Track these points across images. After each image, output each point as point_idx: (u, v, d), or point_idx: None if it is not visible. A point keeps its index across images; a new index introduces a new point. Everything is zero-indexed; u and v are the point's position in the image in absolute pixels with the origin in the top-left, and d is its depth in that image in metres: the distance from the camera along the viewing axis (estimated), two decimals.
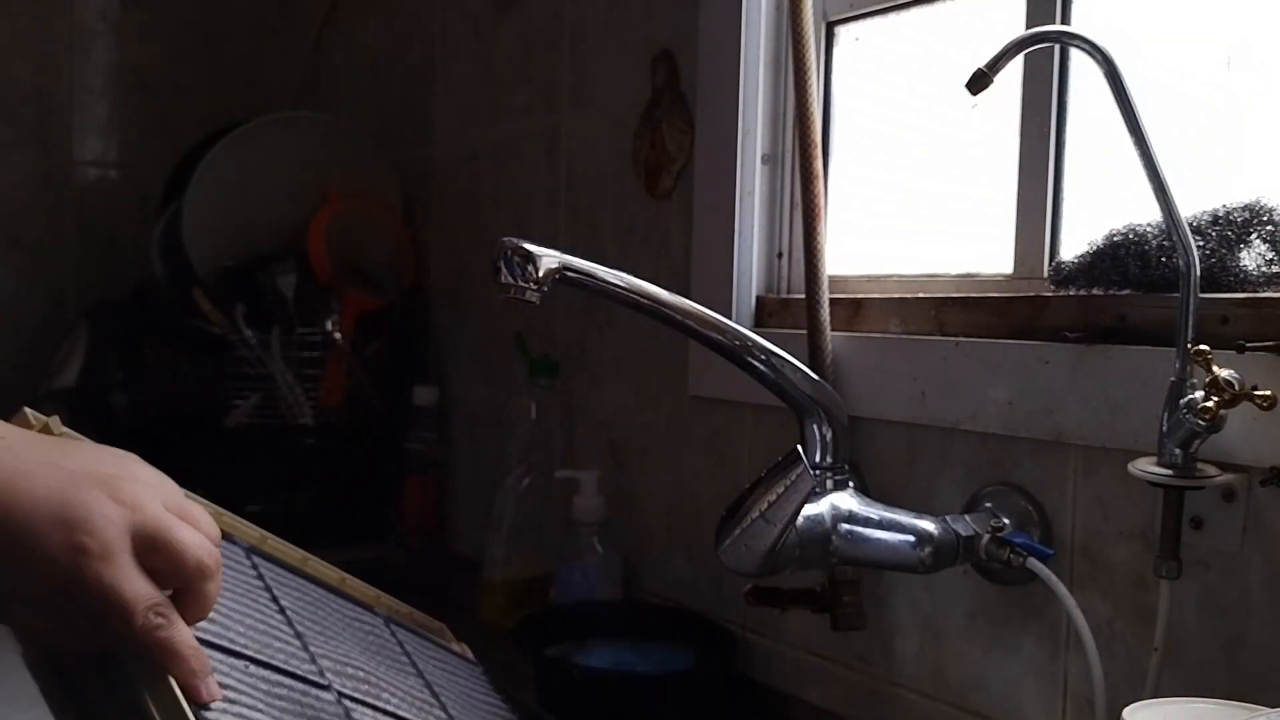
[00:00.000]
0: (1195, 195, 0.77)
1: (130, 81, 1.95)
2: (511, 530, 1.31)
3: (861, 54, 1.10)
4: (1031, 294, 0.88)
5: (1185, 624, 0.75)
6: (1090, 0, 0.89)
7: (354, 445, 1.60)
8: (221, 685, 0.57)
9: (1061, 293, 0.84)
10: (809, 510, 0.81)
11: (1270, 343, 0.69)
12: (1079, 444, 0.81)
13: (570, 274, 0.72)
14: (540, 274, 0.70)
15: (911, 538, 0.83)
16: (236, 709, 0.59)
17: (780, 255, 1.13)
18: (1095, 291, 0.82)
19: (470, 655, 1.01)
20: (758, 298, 1.13)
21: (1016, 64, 0.77)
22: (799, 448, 0.75)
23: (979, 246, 0.98)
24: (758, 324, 1.12)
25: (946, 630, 0.92)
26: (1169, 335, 0.73)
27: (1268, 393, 0.66)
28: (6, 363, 1.78)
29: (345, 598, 0.90)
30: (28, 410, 0.66)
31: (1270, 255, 0.75)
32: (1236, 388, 0.68)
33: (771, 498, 0.74)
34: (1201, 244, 0.75)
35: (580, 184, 1.37)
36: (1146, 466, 0.72)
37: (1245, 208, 0.76)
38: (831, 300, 0.99)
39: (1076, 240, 0.88)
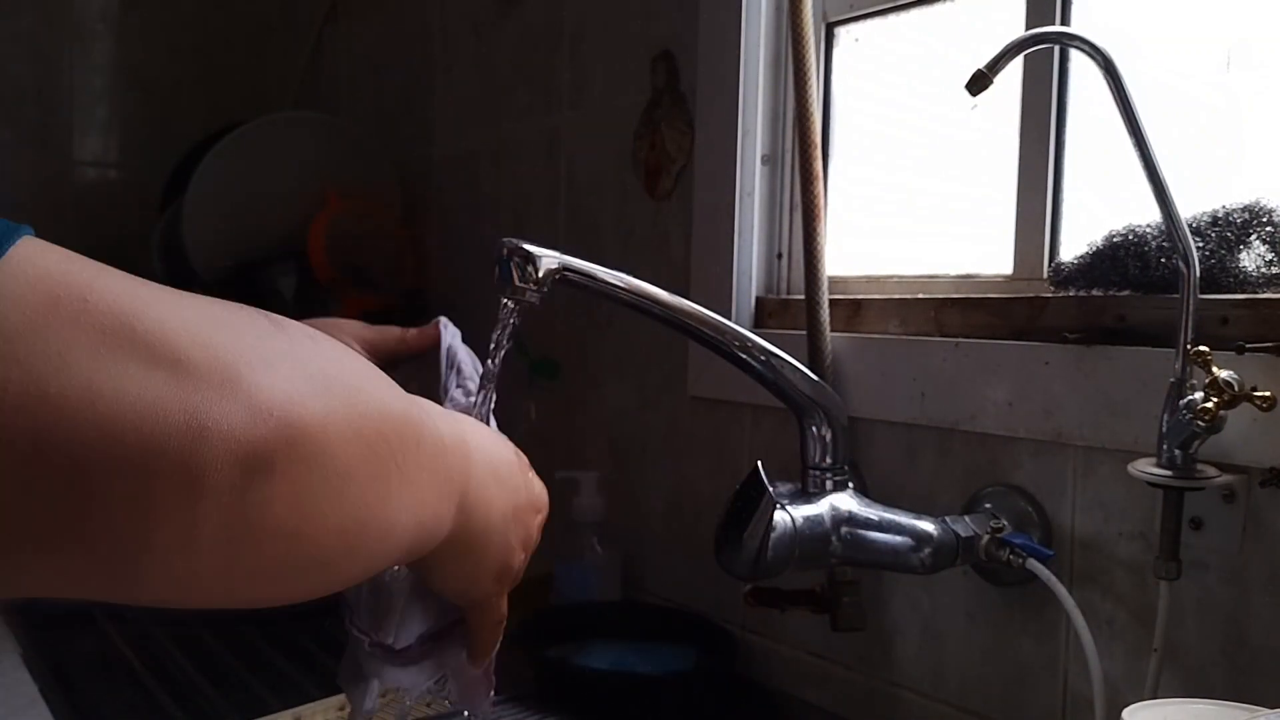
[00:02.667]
0: (1195, 196, 0.77)
1: (130, 81, 1.95)
2: None
3: (861, 54, 1.10)
4: (1031, 295, 0.88)
5: (1185, 625, 0.75)
6: (1090, 0, 0.89)
7: None
8: None
9: (1061, 294, 0.84)
10: (808, 511, 0.81)
11: (1270, 344, 0.69)
12: (1079, 445, 0.81)
13: (570, 274, 0.72)
14: (540, 274, 0.70)
15: (911, 539, 0.83)
16: None
17: (780, 256, 1.13)
18: (1095, 292, 0.82)
19: None
20: (757, 298, 1.13)
21: (1016, 65, 0.77)
22: (759, 466, 0.77)
23: (979, 247, 0.98)
24: (757, 325, 1.12)
25: (946, 631, 0.92)
26: (1169, 336, 0.73)
27: (1267, 394, 0.66)
28: None
29: None
30: None
31: (1270, 256, 0.75)
32: (1236, 389, 0.68)
33: (747, 521, 0.77)
34: (1201, 245, 0.75)
35: (580, 184, 1.37)
36: (1146, 467, 0.72)
37: (1245, 209, 0.76)
38: (831, 301, 0.99)
39: (1076, 241, 0.88)
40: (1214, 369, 0.68)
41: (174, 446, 0.33)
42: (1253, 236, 0.75)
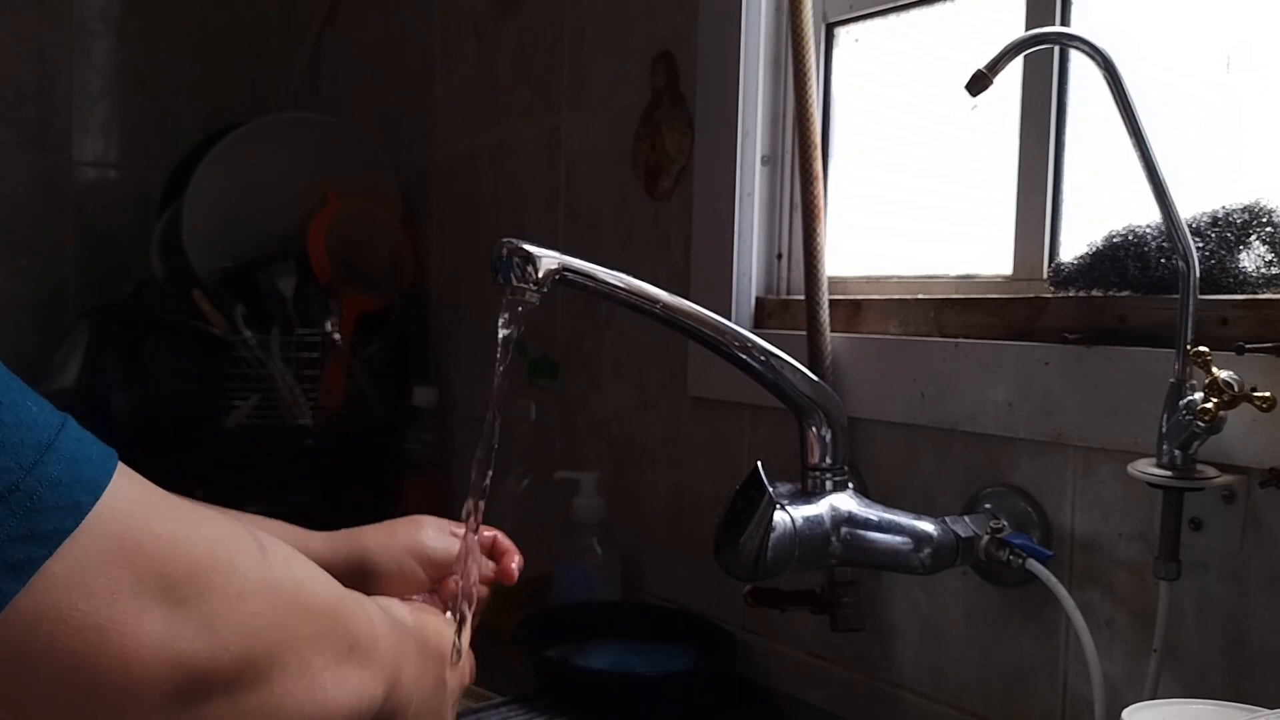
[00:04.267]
0: (1195, 196, 0.77)
1: (130, 81, 1.95)
2: (511, 531, 1.30)
3: (861, 55, 1.10)
4: (1031, 295, 0.88)
5: (1184, 625, 0.75)
6: (1090, 0, 0.89)
7: (353, 446, 1.60)
8: None
9: (1061, 294, 0.84)
10: (808, 511, 0.81)
11: (1269, 344, 0.69)
12: (1078, 445, 0.81)
13: (570, 275, 0.72)
14: (540, 275, 0.70)
15: (911, 539, 0.83)
16: None
17: (780, 256, 1.13)
18: (1095, 293, 0.82)
19: None
20: (757, 299, 1.13)
21: (1016, 65, 0.77)
22: (759, 466, 0.77)
23: (978, 248, 0.98)
24: (757, 325, 1.12)
25: (946, 631, 0.92)
26: (1168, 336, 0.73)
27: (1267, 394, 0.66)
28: (6, 363, 1.78)
29: None
30: None
31: (1269, 257, 0.75)
32: (1236, 389, 0.68)
33: (747, 522, 0.77)
34: (1201, 245, 0.75)
35: (580, 184, 1.37)
36: (1146, 468, 0.72)
37: (1244, 209, 0.76)
38: (831, 301, 0.99)
39: (1076, 241, 0.88)
40: (1214, 369, 0.68)
41: (161, 676, 0.42)
42: (1252, 237, 0.75)
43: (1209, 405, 0.67)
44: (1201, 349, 0.69)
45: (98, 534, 0.39)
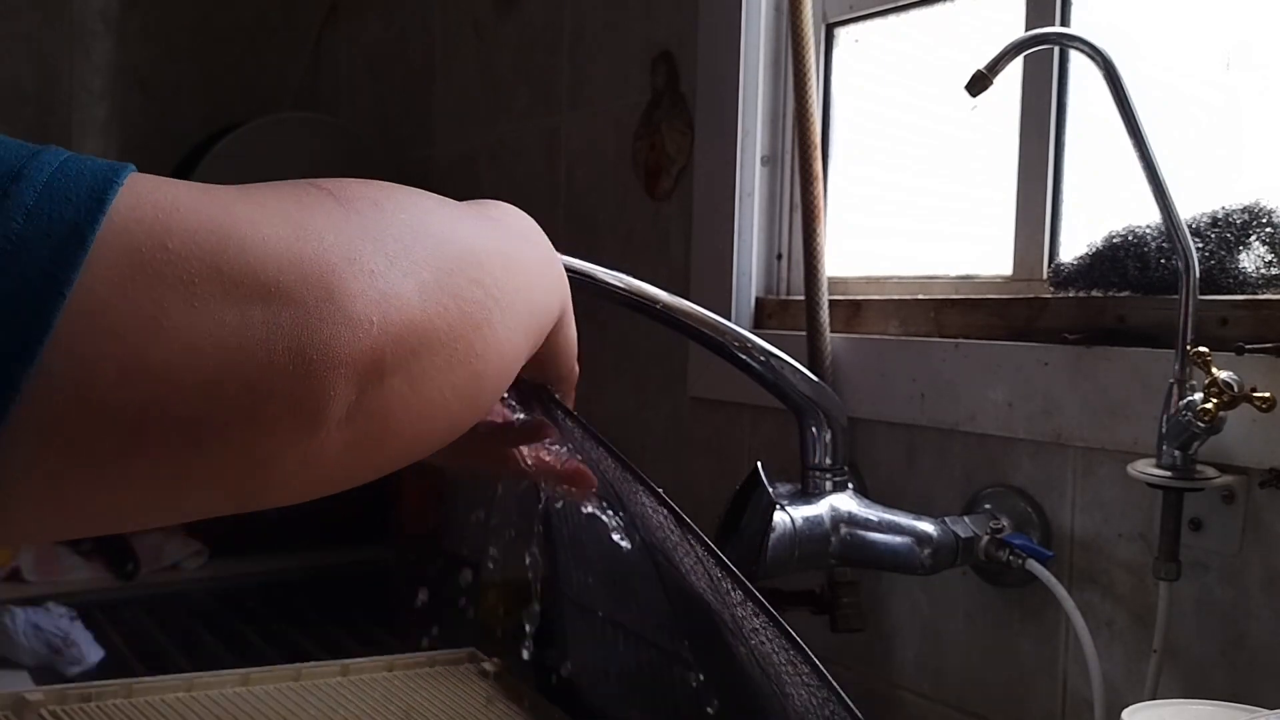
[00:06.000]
0: (1195, 196, 0.77)
1: (130, 81, 1.95)
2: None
3: (861, 55, 1.10)
4: (1031, 295, 0.88)
5: (1184, 625, 0.75)
6: (1090, 0, 0.89)
7: None
8: None
9: (1061, 294, 0.84)
10: (808, 512, 0.81)
11: (1269, 344, 0.69)
12: (1078, 445, 0.81)
13: (570, 275, 0.71)
14: None
15: (911, 539, 0.83)
16: None
17: (780, 256, 1.13)
18: (1094, 293, 0.82)
19: None
20: (757, 299, 1.13)
21: (1016, 65, 0.77)
22: (759, 466, 0.77)
23: (978, 248, 0.98)
24: (757, 325, 1.12)
25: (945, 631, 0.92)
26: (1168, 337, 0.73)
27: (1267, 394, 0.66)
28: None
29: None
30: None
31: (1269, 257, 0.75)
32: (1235, 389, 0.68)
33: (747, 522, 0.77)
34: (1200, 246, 0.75)
35: (580, 184, 1.37)
36: (1145, 468, 0.72)
37: (1244, 210, 0.76)
38: (831, 302, 0.99)
39: (1076, 242, 0.88)
40: (1214, 370, 0.68)
41: (283, 386, 0.31)
42: (1252, 237, 0.75)
43: (1209, 405, 0.67)
44: (1201, 349, 0.69)
45: (106, 253, 0.29)
